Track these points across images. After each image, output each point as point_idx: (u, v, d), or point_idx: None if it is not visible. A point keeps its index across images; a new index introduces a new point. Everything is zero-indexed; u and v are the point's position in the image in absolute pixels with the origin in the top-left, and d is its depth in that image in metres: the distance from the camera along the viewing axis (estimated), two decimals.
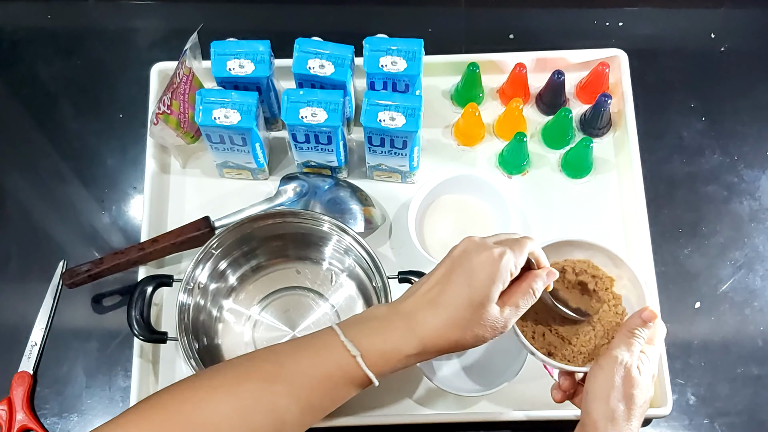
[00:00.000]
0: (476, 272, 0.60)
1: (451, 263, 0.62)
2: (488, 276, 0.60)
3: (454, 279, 0.61)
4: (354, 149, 0.96)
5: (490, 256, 0.61)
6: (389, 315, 0.62)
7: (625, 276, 0.73)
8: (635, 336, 0.67)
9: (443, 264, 0.63)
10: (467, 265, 0.61)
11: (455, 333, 0.60)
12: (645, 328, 0.67)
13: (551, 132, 0.95)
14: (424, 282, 0.62)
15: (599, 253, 0.73)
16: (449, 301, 0.60)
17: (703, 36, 1.03)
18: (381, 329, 0.61)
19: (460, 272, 0.61)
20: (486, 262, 0.60)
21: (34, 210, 0.96)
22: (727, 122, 0.99)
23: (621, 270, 0.73)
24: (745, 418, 0.87)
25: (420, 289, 0.62)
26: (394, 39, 0.85)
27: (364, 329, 0.61)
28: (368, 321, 0.62)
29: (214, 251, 0.84)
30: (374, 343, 0.60)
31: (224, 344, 0.87)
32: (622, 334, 0.67)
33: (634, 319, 0.68)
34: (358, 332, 0.61)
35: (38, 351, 0.89)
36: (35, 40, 1.04)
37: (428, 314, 0.60)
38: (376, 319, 0.62)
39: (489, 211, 0.92)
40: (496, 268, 0.60)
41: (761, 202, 0.95)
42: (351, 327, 0.62)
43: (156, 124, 0.87)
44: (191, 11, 1.07)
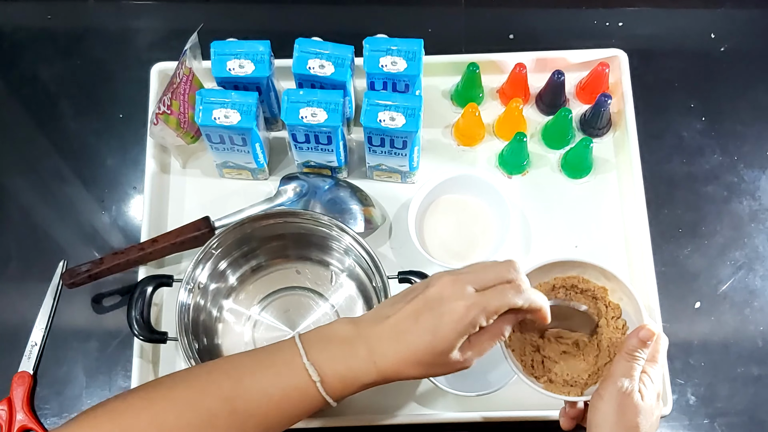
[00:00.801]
0: (443, 322, 0.59)
1: (423, 303, 0.60)
2: (454, 329, 0.59)
3: (422, 322, 0.59)
4: (354, 149, 0.96)
5: (460, 309, 0.59)
6: (353, 340, 0.61)
7: (618, 290, 0.71)
8: (635, 359, 0.65)
9: (417, 298, 0.61)
10: (437, 312, 0.59)
11: (415, 370, 0.60)
12: (644, 348, 0.65)
13: (551, 132, 0.95)
14: (397, 310, 0.61)
15: (590, 269, 0.72)
16: (412, 342, 0.59)
17: (703, 36, 1.03)
18: (343, 356, 0.60)
19: (428, 317, 0.59)
20: (455, 314, 0.59)
21: (34, 210, 0.96)
22: (727, 122, 0.99)
23: (614, 284, 0.71)
24: (745, 418, 0.87)
25: (389, 319, 0.61)
26: (394, 39, 0.85)
27: (327, 352, 0.60)
28: (332, 342, 0.61)
29: (214, 251, 0.84)
30: (335, 369, 0.60)
31: (224, 344, 0.87)
32: (621, 358, 0.65)
33: (632, 340, 0.66)
34: (321, 354, 0.60)
35: (38, 351, 0.89)
36: (35, 40, 1.04)
37: (391, 348, 0.60)
38: (340, 342, 0.61)
39: (489, 211, 0.92)
40: (464, 322, 0.59)
41: (761, 202, 0.95)
42: (314, 346, 0.61)
43: (156, 124, 0.87)
44: (191, 11, 1.07)
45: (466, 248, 0.91)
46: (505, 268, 0.62)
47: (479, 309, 0.59)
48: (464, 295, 0.60)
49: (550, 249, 0.91)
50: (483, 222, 0.92)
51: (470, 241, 0.91)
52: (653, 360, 0.66)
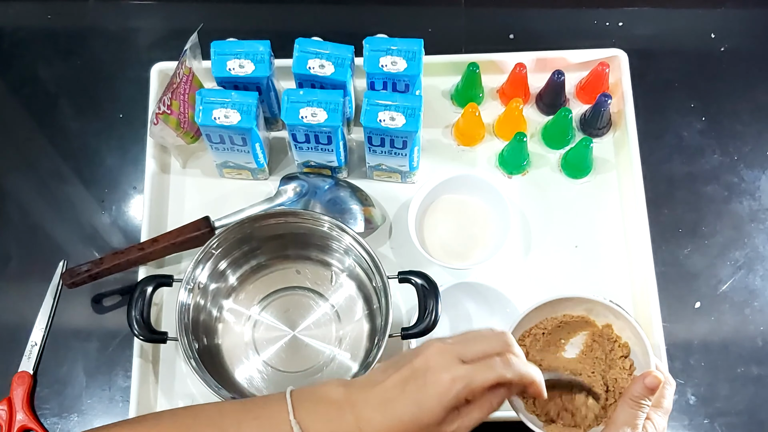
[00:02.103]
0: (428, 395, 0.57)
1: (410, 372, 0.59)
2: (439, 402, 0.57)
3: (407, 393, 0.58)
4: (354, 149, 0.96)
5: (445, 381, 0.57)
6: (342, 403, 0.59)
7: (626, 328, 0.70)
8: (640, 407, 0.63)
9: (405, 366, 0.59)
10: (422, 382, 0.58)
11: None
12: (650, 396, 0.63)
13: (551, 132, 0.95)
14: (387, 377, 0.60)
15: (598, 306, 0.71)
16: (397, 413, 0.58)
17: (703, 36, 1.03)
18: (330, 418, 0.59)
19: (414, 387, 0.58)
20: (440, 386, 0.57)
21: (34, 210, 0.96)
22: (727, 122, 0.99)
23: (622, 322, 0.70)
24: (745, 418, 0.87)
25: (378, 385, 0.59)
26: (394, 39, 0.85)
27: (315, 412, 0.59)
28: (321, 402, 0.60)
29: (214, 251, 0.84)
30: (320, 430, 0.59)
31: (224, 344, 0.87)
32: (625, 404, 0.63)
33: (637, 386, 0.63)
34: (309, 413, 0.59)
35: (38, 351, 0.89)
36: (35, 40, 1.04)
37: (377, 416, 0.58)
38: (329, 403, 0.60)
39: (489, 211, 0.92)
40: (449, 395, 0.57)
41: (761, 202, 0.95)
42: (304, 404, 0.60)
43: (156, 124, 0.87)
44: (191, 11, 1.07)
45: (466, 248, 0.91)
46: (496, 339, 0.60)
47: (464, 383, 0.57)
48: (450, 367, 0.58)
49: (550, 249, 0.91)
50: (483, 222, 0.92)
51: (470, 241, 0.91)
52: (659, 406, 0.64)
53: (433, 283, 0.80)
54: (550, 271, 0.91)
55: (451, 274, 0.89)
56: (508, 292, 0.87)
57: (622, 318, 0.70)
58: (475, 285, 0.88)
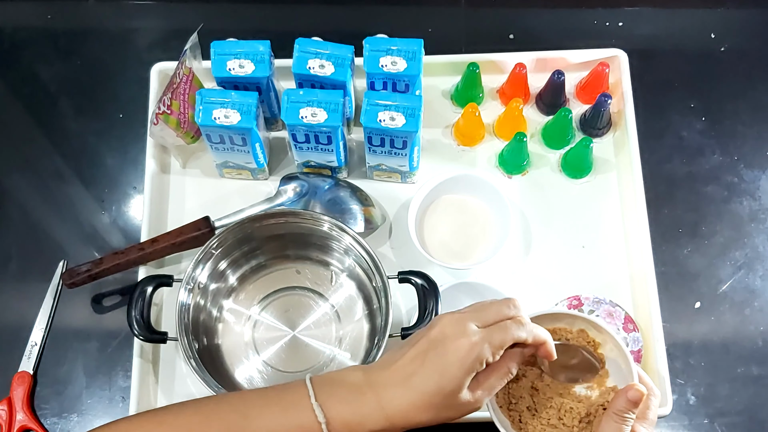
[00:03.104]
0: (449, 361, 0.59)
1: (427, 344, 0.60)
2: (461, 366, 0.59)
3: (428, 364, 0.59)
4: (354, 149, 0.96)
5: (465, 345, 0.59)
6: (362, 385, 0.60)
7: (609, 342, 0.70)
8: (624, 420, 0.63)
9: (421, 341, 0.61)
10: (441, 351, 0.59)
11: (424, 415, 0.60)
12: (634, 409, 0.63)
13: (551, 132, 0.95)
14: (403, 354, 0.61)
15: (579, 321, 0.71)
16: (420, 386, 0.59)
17: (703, 36, 1.03)
18: (352, 399, 0.60)
19: (434, 357, 0.59)
20: (460, 351, 0.59)
21: (34, 210, 0.96)
22: (727, 122, 0.99)
23: (604, 336, 0.70)
24: (745, 418, 0.87)
25: (397, 363, 0.61)
26: (394, 39, 0.85)
27: (336, 395, 0.60)
28: (342, 385, 0.61)
29: (214, 251, 0.84)
30: (342, 412, 0.59)
31: (224, 344, 0.87)
32: (609, 418, 0.63)
33: (620, 400, 0.63)
34: (330, 396, 0.60)
35: (38, 351, 0.89)
36: (35, 40, 1.04)
37: (398, 393, 0.59)
38: (349, 386, 0.61)
39: (489, 211, 0.92)
40: (470, 358, 0.59)
41: (761, 202, 0.95)
42: (324, 388, 0.61)
43: (156, 124, 0.87)
44: (191, 11, 1.07)
45: (466, 248, 0.91)
46: (505, 305, 0.62)
47: (484, 344, 0.59)
48: (467, 332, 0.60)
49: (549, 249, 0.91)
50: (483, 222, 0.92)
51: (470, 241, 0.91)
52: (644, 417, 0.64)
53: (433, 283, 0.80)
54: (550, 271, 0.91)
55: (451, 274, 0.89)
56: (508, 292, 0.86)
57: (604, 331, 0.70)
58: (475, 285, 0.88)
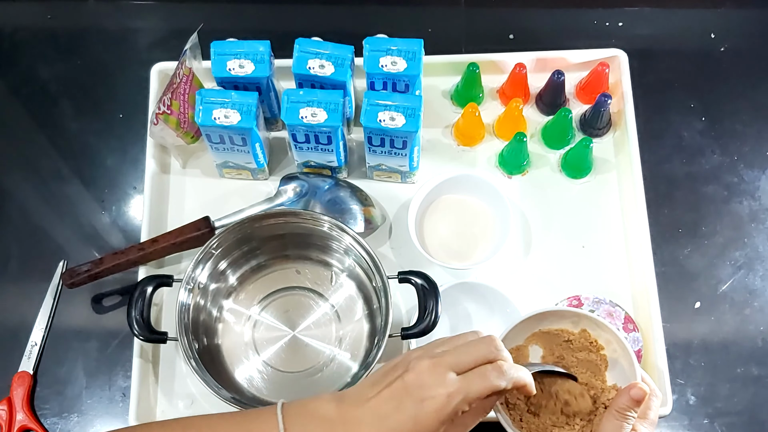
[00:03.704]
0: (425, 411, 0.57)
1: (403, 389, 0.59)
2: (437, 418, 0.57)
3: (402, 410, 0.58)
4: (354, 149, 0.96)
5: (442, 397, 0.57)
6: (334, 421, 0.59)
7: (613, 341, 0.70)
8: (625, 418, 0.62)
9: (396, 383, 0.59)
10: (417, 399, 0.58)
11: None
12: (636, 407, 0.63)
13: (551, 132, 0.95)
14: (377, 393, 0.59)
15: (584, 320, 0.71)
16: (394, 428, 0.58)
17: (703, 36, 1.03)
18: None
19: (409, 405, 0.58)
20: (437, 403, 0.57)
21: (34, 210, 0.96)
22: (727, 122, 0.99)
23: (608, 335, 0.70)
24: (745, 418, 0.87)
25: (371, 401, 0.59)
26: (394, 39, 0.85)
27: (307, 429, 0.59)
28: (313, 421, 0.59)
29: (214, 251, 0.84)
30: None
31: (224, 344, 0.87)
32: (611, 415, 0.63)
33: (623, 398, 0.63)
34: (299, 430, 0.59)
35: (38, 351, 0.89)
36: (35, 40, 1.04)
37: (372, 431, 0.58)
38: (320, 422, 0.59)
39: (489, 211, 0.92)
40: (446, 410, 0.57)
41: (761, 202, 0.95)
42: (294, 421, 0.59)
43: (156, 124, 0.87)
44: (191, 11, 1.07)
45: (466, 248, 0.91)
46: (486, 346, 0.60)
47: (461, 396, 0.58)
48: (445, 382, 0.58)
49: (550, 249, 0.91)
50: (483, 222, 0.92)
51: (470, 241, 0.91)
52: (645, 417, 0.64)
53: (433, 283, 0.80)
54: (550, 271, 0.91)
55: (451, 274, 0.89)
56: (508, 292, 0.87)
57: (608, 330, 0.69)
58: (475, 285, 0.88)
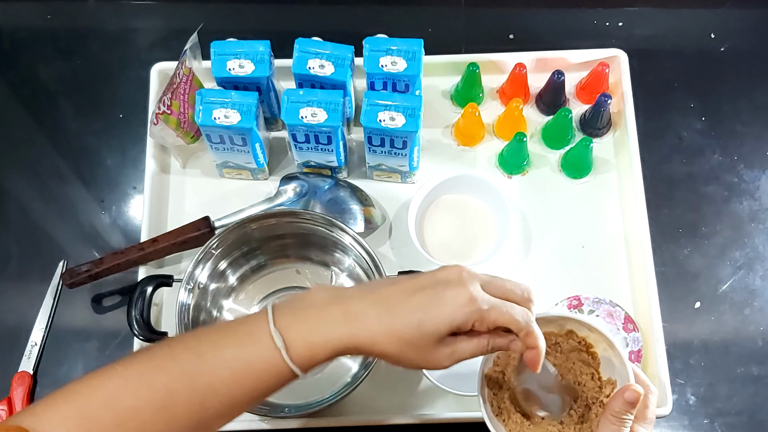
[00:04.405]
0: (441, 303, 0.56)
1: (427, 280, 0.58)
2: (450, 314, 0.56)
3: (419, 296, 0.56)
4: (354, 149, 0.96)
5: (464, 297, 0.56)
6: (329, 302, 0.57)
7: (603, 341, 0.69)
8: (622, 422, 0.61)
9: (423, 276, 0.58)
10: (439, 291, 0.56)
11: (390, 346, 0.56)
12: (631, 410, 0.61)
13: (551, 132, 0.95)
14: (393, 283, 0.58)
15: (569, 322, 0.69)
16: (401, 314, 0.56)
17: (703, 36, 1.03)
18: (314, 317, 0.56)
19: (429, 293, 0.56)
20: (457, 301, 0.56)
21: (34, 210, 0.96)
22: (727, 122, 0.99)
23: (597, 335, 0.69)
24: (745, 418, 0.87)
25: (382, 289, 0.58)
26: (394, 39, 0.86)
27: (296, 316, 0.56)
28: (305, 306, 0.57)
29: (214, 251, 0.84)
30: (303, 333, 0.56)
31: None
32: (607, 420, 0.61)
33: (617, 402, 0.61)
34: (290, 318, 0.56)
35: (38, 351, 0.89)
36: (35, 40, 1.04)
37: (373, 313, 0.56)
38: (314, 305, 0.57)
39: (489, 211, 0.92)
40: (462, 312, 0.56)
41: (761, 202, 0.95)
42: (285, 312, 0.57)
43: (156, 124, 0.87)
44: (191, 11, 1.07)
45: (466, 248, 0.91)
46: (522, 290, 0.59)
47: (480, 307, 0.56)
48: (472, 287, 0.57)
49: (550, 249, 0.91)
50: (483, 222, 0.92)
51: (470, 241, 0.91)
52: (642, 417, 0.63)
53: None
54: (550, 271, 0.91)
55: None
56: None
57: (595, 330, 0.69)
58: None
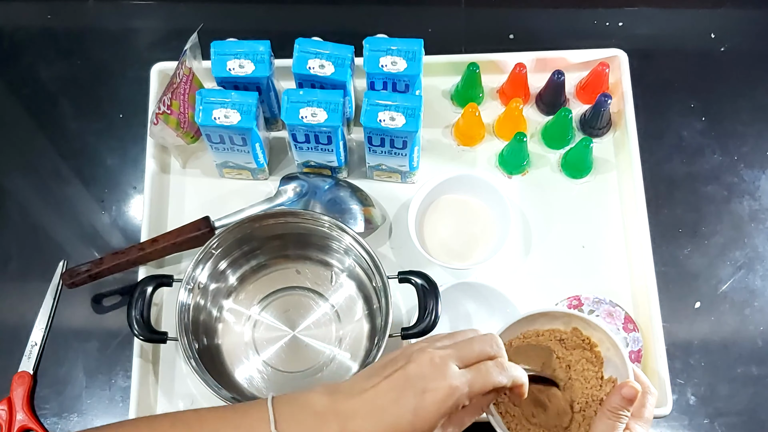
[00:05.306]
0: (426, 403, 0.57)
1: (404, 380, 0.58)
2: (437, 411, 0.57)
3: (403, 402, 0.57)
4: (354, 149, 0.96)
5: (444, 390, 0.57)
6: (326, 413, 0.58)
7: (606, 340, 0.70)
8: (618, 418, 0.62)
9: (397, 374, 0.58)
10: (418, 391, 0.57)
11: None
12: (628, 407, 0.62)
13: (551, 132, 0.95)
14: (375, 384, 0.58)
15: (575, 320, 0.70)
16: (391, 421, 0.57)
17: (703, 36, 1.03)
18: (313, 427, 0.58)
19: (409, 396, 0.57)
20: (439, 395, 0.57)
21: (34, 210, 0.96)
22: (727, 122, 0.99)
23: (600, 334, 0.70)
24: (745, 418, 0.87)
25: (368, 392, 0.58)
26: (394, 39, 0.85)
27: (297, 421, 0.58)
28: (305, 411, 0.59)
29: (214, 251, 0.84)
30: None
31: (224, 344, 0.87)
32: (603, 416, 0.62)
33: (615, 398, 0.62)
34: (290, 425, 0.58)
35: (38, 351, 0.89)
36: (35, 40, 1.04)
37: (366, 425, 0.57)
38: (314, 412, 0.58)
39: (489, 211, 0.92)
40: (448, 404, 0.57)
41: (761, 202, 0.95)
42: (285, 414, 0.58)
43: (156, 124, 0.87)
44: (191, 11, 1.07)
45: (466, 248, 0.91)
46: (487, 343, 0.61)
47: (464, 390, 0.58)
48: (448, 375, 0.58)
49: (550, 249, 0.91)
50: (483, 222, 0.92)
51: (470, 241, 0.91)
52: (639, 416, 0.63)
53: (433, 283, 0.80)
54: (550, 271, 0.91)
55: (451, 274, 0.89)
56: (508, 292, 0.87)
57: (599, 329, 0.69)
58: (475, 285, 0.88)
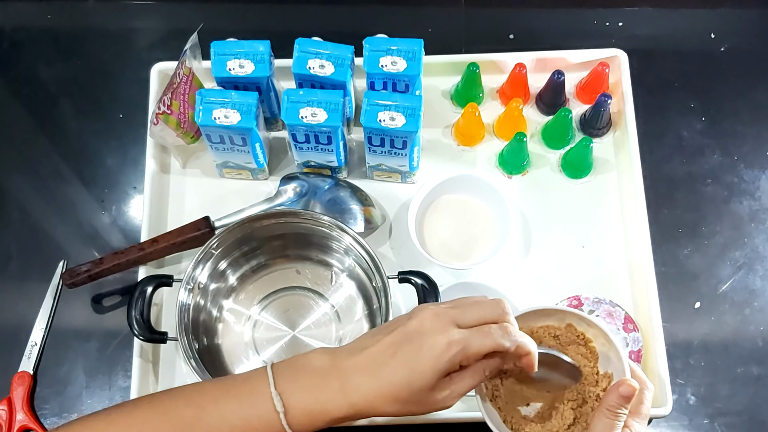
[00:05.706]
0: (422, 358, 0.56)
1: (402, 335, 0.57)
2: (433, 366, 0.56)
3: (399, 356, 0.57)
4: (354, 149, 0.96)
5: (441, 345, 0.56)
6: (327, 371, 0.58)
7: (601, 336, 0.69)
8: (616, 416, 0.61)
9: (397, 330, 0.58)
10: (416, 346, 0.56)
11: (389, 407, 0.57)
12: (626, 404, 0.61)
13: (551, 132, 0.95)
14: (376, 342, 0.58)
15: (569, 316, 0.70)
16: (388, 377, 0.57)
17: (703, 36, 1.03)
18: (314, 386, 0.58)
19: (407, 350, 0.57)
20: (435, 350, 0.56)
21: (34, 210, 0.96)
22: (727, 122, 0.99)
23: (595, 330, 0.69)
24: (745, 418, 0.87)
25: (367, 349, 0.58)
26: (394, 39, 0.86)
27: (298, 381, 0.58)
28: (305, 371, 0.59)
29: (214, 251, 0.84)
30: (303, 400, 0.57)
31: (224, 344, 0.87)
32: (601, 414, 0.61)
33: (612, 396, 0.61)
34: (291, 383, 0.58)
35: (38, 351, 0.89)
36: (35, 40, 1.04)
37: (365, 380, 0.57)
38: (313, 371, 0.58)
39: (489, 211, 0.92)
40: (443, 359, 0.56)
41: (761, 202, 0.95)
42: (285, 374, 0.58)
43: (156, 124, 0.87)
44: (191, 11, 1.07)
45: (466, 248, 0.91)
46: (493, 306, 0.59)
47: (460, 347, 0.56)
48: (446, 330, 0.57)
49: (550, 249, 0.91)
50: (483, 222, 0.92)
51: (470, 241, 0.91)
52: (637, 412, 0.62)
53: (433, 283, 0.80)
54: (550, 271, 0.91)
55: (451, 274, 0.89)
56: (508, 292, 0.87)
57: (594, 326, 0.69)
58: (475, 285, 0.88)
